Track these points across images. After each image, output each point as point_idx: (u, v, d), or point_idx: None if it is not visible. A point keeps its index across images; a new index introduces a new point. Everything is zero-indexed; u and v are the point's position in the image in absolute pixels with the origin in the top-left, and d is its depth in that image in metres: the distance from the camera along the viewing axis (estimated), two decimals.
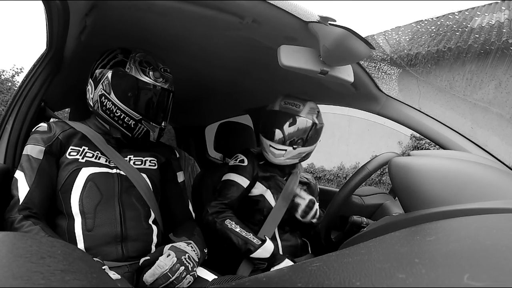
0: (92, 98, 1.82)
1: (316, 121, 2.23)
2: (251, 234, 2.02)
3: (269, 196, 2.26)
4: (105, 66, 1.79)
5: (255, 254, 1.97)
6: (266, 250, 1.99)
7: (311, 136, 2.23)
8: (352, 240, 1.63)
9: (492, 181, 1.26)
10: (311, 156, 2.35)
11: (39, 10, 1.98)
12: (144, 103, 1.80)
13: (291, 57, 1.50)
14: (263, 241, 2.01)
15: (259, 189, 2.28)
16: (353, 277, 0.51)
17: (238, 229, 2.02)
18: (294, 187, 2.31)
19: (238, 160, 2.32)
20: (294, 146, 2.20)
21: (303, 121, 2.19)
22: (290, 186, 2.31)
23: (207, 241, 1.92)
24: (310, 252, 2.34)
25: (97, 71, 1.80)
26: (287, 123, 2.20)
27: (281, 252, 2.16)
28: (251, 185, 2.26)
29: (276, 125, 2.23)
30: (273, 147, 2.21)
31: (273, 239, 2.19)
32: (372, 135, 11.80)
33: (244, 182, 2.22)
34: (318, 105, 2.27)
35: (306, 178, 2.55)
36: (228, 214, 2.11)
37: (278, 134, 2.21)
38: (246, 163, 2.28)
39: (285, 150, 2.20)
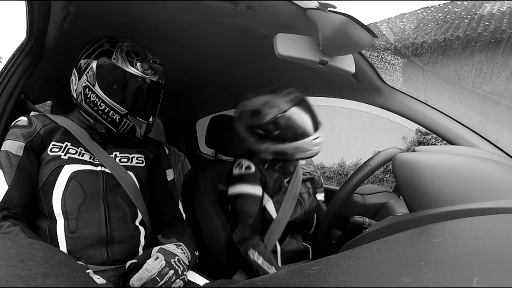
0: (75, 90, 1.81)
1: None
2: (273, 268, 1.94)
3: (270, 207, 2.19)
4: (90, 55, 1.78)
5: None
6: None
7: None
8: (353, 242, 1.63)
9: (503, 179, 1.27)
10: None
11: None
12: (130, 96, 1.79)
13: (288, 46, 1.49)
14: None
15: (263, 198, 2.21)
16: (354, 281, 0.51)
17: (260, 261, 1.94)
18: (297, 190, 2.27)
19: (244, 167, 2.22)
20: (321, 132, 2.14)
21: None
22: (293, 190, 2.26)
23: (198, 243, 1.92)
24: (310, 258, 2.32)
25: (82, 61, 1.79)
26: (312, 112, 2.16)
27: (279, 260, 2.14)
28: (264, 192, 2.19)
29: (303, 119, 2.12)
30: (308, 143, 2.09)
31: None
32: (375, 129, 11.79)
33: (258, 190, 2.15)
34: (316, 98, 2.26)
35: (308, 171, 2.52)
36: (253, 242, 2.03)
37: (308, 126, 2.11)
38: (253, 169, 2.20)
39: (319, 136, 2.11)
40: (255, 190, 2.15)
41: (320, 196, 2.56)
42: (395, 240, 0.76)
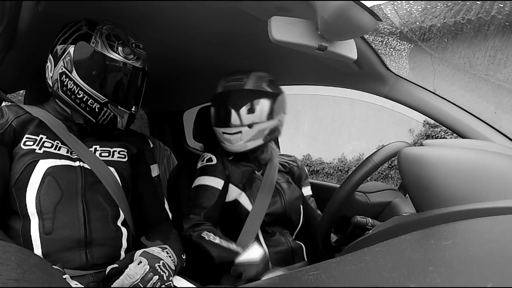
0: (51, 77, 1.80)
1: (268, 89, 2.23)
2: (233, 244, 1.97)
3: (244, 200, 2.23)
4: (68, 40, 1.76)
5: (242, 259, 1.88)
6: (254, 253, 1.92)
7: (266, 108, 2.22)
8: (355, 245, 1.63)
9: None
10: (308, 146, 2.34)
11: None
12: (111, 83, 1.79)
13: (284, 30, 1.48)
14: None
15: (233, 193, 2.26)
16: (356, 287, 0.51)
17: (217, 240, 1.97)
18: (273, 180, 2.31)
19: (205, 159, 2.32)
20: (250, 124, 2.18)
21: (249, 92, 2.20)
22: (269, 179, 2.30)
23: (185, 245, 1.91)
24: (305, 259, 2.32)
25: (59, 47, 1.78)
26: (234, 101, 2.21)
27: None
28: (227, 186, 2.24)
29: (222, 108, 2.24)
30: (226, 133, 2.21)
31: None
32: (379, 121, 11.80)
33: (218, 183, 2.21)
34: (314, 87, 2.26)
35: (286, 161, 2.55)
36: (205, 227, 2.07)
37: (227, 116, 2.21)
38: (214, 161, 2.28)
39: (240, 131, 2.17)
40: (215, 182, 2.21)
41: (306, 191, 2.58)
42: (401, 242, 0.76)
